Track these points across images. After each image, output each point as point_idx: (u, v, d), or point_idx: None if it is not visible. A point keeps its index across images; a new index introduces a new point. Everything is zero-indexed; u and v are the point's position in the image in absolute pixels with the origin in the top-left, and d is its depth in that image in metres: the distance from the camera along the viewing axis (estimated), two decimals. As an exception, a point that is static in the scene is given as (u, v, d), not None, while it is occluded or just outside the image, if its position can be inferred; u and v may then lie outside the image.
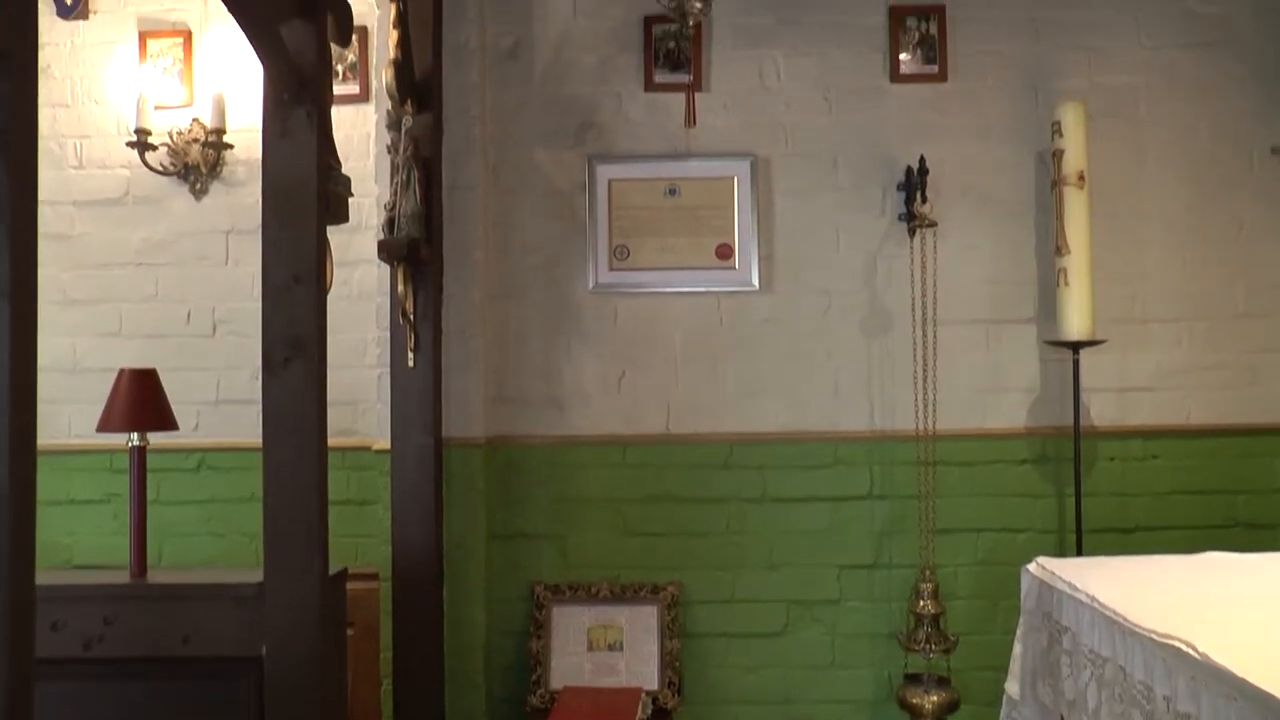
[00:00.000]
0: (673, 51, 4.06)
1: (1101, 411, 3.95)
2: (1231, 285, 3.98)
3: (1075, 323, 3.72)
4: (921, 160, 3.85)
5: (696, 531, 3.98)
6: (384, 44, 3.73)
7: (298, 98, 2.64)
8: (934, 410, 3.87)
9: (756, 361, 4.00)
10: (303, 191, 2.60)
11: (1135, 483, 3.93)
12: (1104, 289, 3.83)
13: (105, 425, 3.12)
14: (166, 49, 4.20)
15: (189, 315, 4.14)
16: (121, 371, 3.20)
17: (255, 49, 2.62)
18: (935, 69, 4.03)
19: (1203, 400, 3.95)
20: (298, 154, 2.62)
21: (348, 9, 2.95)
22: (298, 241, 2.58)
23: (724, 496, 3.98)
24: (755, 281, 3.99)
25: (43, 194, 1.71)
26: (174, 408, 3.40)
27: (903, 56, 4.04)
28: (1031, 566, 2.93)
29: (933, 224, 3.88)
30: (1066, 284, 3.73)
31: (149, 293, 4.16)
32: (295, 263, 2.57)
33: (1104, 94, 3.99)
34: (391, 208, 3.58)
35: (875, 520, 3.96)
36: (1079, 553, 3.71)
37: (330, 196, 2.73)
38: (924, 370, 3.88)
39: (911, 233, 3.92)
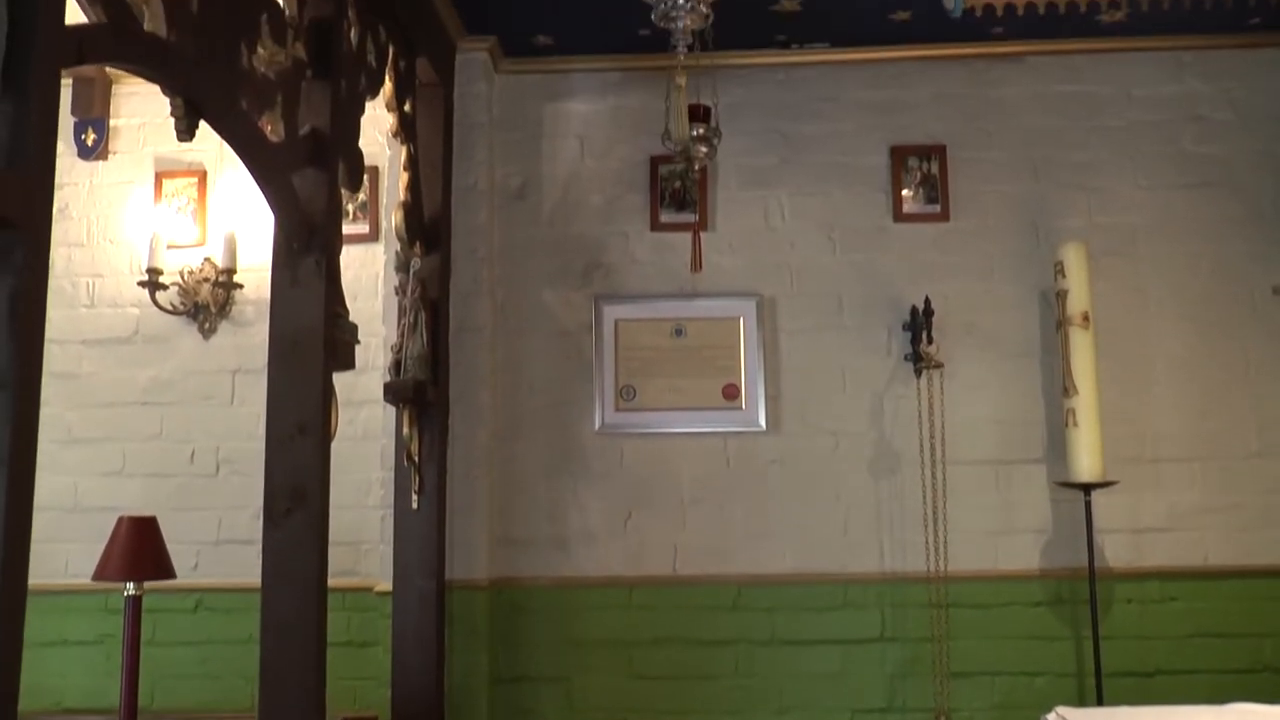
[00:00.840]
0: (678, 191, 4.12)
1: (1116, 553, 3.87)
2: (1242, 425, 3.93)
3: (1086, 464, 3.68)
4: (926, 301, 3.87)
5: (704, 674, 3.88)
6: (394, 184, 3.78)
7: (307, 246, 2.67)
8: (945, 551, 3.81)
9: (764, 502, 3.95)
10: (310, 340, 2.61)
11: (1154, 625, 3.83)
12: (1112, 429, 3.79)
13: (102, 573, 3.08)
14: (182, 189, 4.29)
15: (193, 454, 4.12)
16: (121, 519, 3.17)
17: (266, 197, 2.65)
18: (938, 208, 4.08)
19: (1220, 541, 3.87)
20: (306, 303, 2.63)
21: (359, 155, 3.00)
22: (303, 391, 2.58)
23: (732, 639, 3.89)
24: (762, 422, 3.97)
25: (52, 333, 1.71)
26: (174, 547, 3.37)
27: (905, 194, 4.09)
28: (1051, 716, 2.83)
29: (939, 365, 3.88)
30: (1075, 424, 3.70)
31: (153, 432, 4.15)
32: (300, 412, 2.56)
33: (1104, 233, 4.02)
34: (399, 350, 3.59)
35: (887, 663, 3.85)
36: (1099, 698, 3.60)
37: (337, 344, 2.73)
38: (934, 511, 3.84)
39: (918, 373, 3.92)
